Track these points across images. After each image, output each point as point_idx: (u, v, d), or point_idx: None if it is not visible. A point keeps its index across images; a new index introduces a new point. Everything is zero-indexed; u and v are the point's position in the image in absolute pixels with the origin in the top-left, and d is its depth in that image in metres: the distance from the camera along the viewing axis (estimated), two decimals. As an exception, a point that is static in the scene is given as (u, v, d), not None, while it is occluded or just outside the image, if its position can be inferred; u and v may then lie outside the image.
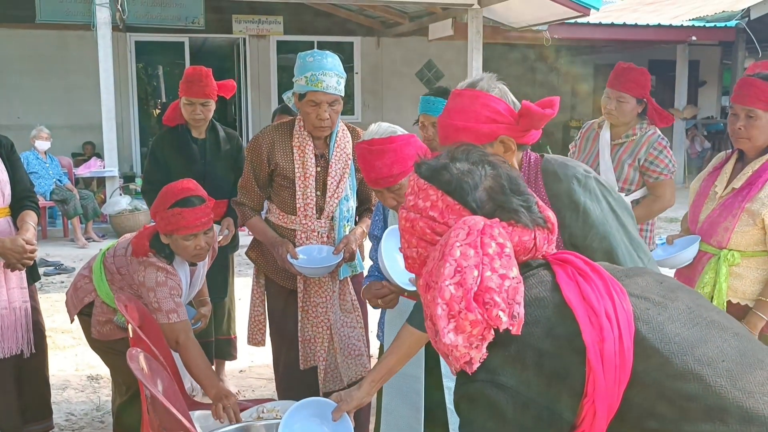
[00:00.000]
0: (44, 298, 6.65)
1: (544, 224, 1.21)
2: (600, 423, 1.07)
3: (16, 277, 3.16)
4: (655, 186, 3.47)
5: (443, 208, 1.19)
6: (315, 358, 3.04)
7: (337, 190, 3.02)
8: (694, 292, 1.28)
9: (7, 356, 3.16)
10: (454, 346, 1.07)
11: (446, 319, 1.07)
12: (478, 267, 1.08)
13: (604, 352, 1.06)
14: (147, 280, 2.71)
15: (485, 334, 1.07)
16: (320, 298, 3.02)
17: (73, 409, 4.07)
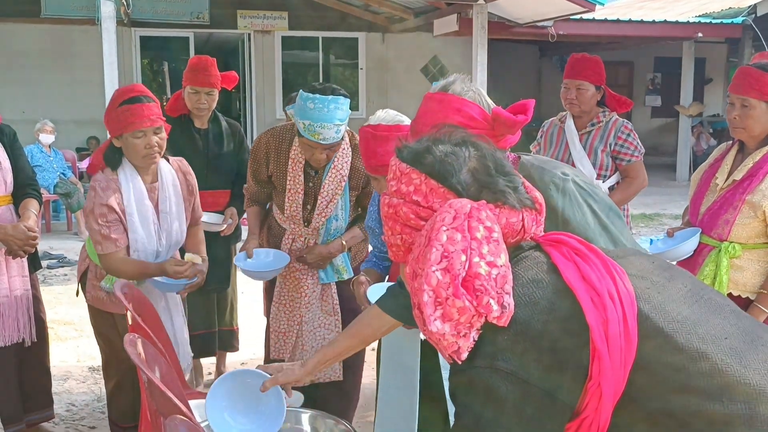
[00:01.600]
0: (47, 290, 6.67)
1: (531, 205, 1.18)
2: (606, 406, 1.03)
3: (17, 266, 3.17)
4: (627, 169, 3.60)
5: (427, 192, 1.15)
6: (283, 351, 3.07)
7: (326, 209, 3.03)
8: (686, 272, 1.25)
9: (7, 344, 3.17)
10: (441, 335, 1.04)
11: (433, 306, 1.04)
12: (466, 252, 1.04)
13: (609, 333, 1.03)
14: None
15: (473, 322, 1.04)
16: (296, 293, 3.06)
17: (74, 399, 4.08)
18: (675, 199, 10.42)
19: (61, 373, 4.33)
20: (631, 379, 1.05)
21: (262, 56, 12.62)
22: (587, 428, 1.06)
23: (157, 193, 2.92)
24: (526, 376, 1.02)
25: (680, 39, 12.76)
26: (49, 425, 3.55)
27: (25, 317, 3.21)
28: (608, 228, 1.76)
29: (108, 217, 2.77)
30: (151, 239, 2.87)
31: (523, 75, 16.29)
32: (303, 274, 3.05)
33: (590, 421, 1.05)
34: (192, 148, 3.90)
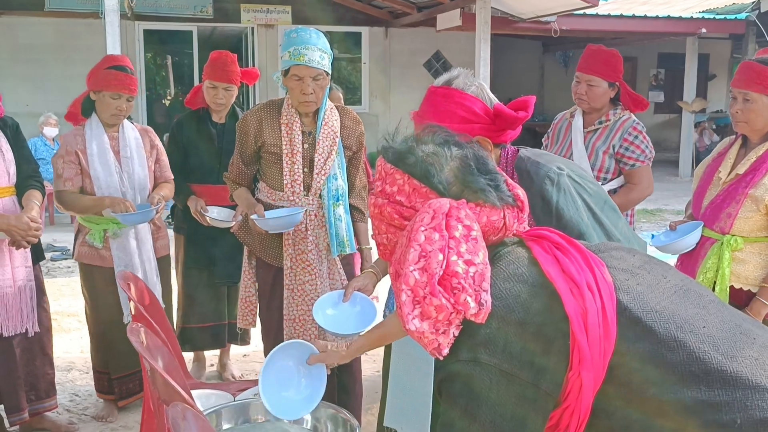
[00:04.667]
0: (50, 283, 6.68)
1: (513, 203, 1.19)
2: (586, 395, 1.05)
3: (20, 256, 3.19)
4: (631, 174, 3.31)
5: (410, 192, 1.17)
6: (300, 337, 3.05)
7: (324, 167, 3.02)
8: (665, 263, 1.27)
9: (11, 334, 3.19)
10: (421, 333, 1.06)
11: (411, 305, 1.06)
12: (444, 251, 1.06)
13: (588, 323, 1.05)
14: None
15: (452, 319, 1.05)
16: (307, 275, 3.03)
17: (78, 390, 4.10)
18: (677, 194, 10.43)
19: (65, 364, 4.35)
20: (610, 368, 1.06)
21: (266, 50, 12.63)
22: (569, 417, 1.07)
23: (117, 141, 3.49)
24: (508, 368, 1.04)
25: (684, 35, 12.75)
26: (53, 415, 3.57)
27: (29, 307, 3.23)
28: (602, 221, 1.78)
29: (65, 158, 3.40)
30: (111, 178, 3.42)
31: (526, 70, 16.29)
32: (313, 255, 3.04)
33: (572, 410, 1.07)
34: (207, 141, 3.94)
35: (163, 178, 3.70)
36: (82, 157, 3.41)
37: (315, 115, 3.03)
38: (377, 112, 13.17)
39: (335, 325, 2.60)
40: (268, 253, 3.11)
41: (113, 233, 3.44)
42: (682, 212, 10.89)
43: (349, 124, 3.15)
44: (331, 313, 2.65)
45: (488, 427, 1.02)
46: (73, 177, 3.41)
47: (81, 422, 3.67)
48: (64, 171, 3.40)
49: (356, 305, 2.68)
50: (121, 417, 3.71)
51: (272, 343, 3.16)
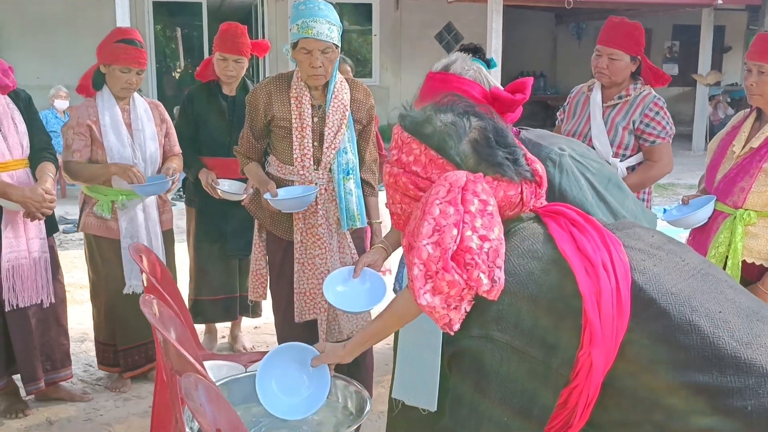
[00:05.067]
0: (63, 255, 6.70)
1: (531, 177, 1.17)
2: (596, 375, 1.04)
3: (35, 228, 3.22)
4: (651, 151, 3.21)
5: (426, 163, 1.15)
6: (311, 311, 3.06)
7: (334, 140, 3.01)
8: (685, 245, 1.25)
9: (27, 305, 3.23)
10: (432, 307, 1.05)
11: (423, 280, 1.05)
12: (458, 226, 1.04)
13: (602, 303, 1.04)
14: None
15: (464, 295, 1.04)
16: (318, 250, 3.03)
17: (91, 360, 4.14)
18: (690, 168, 10.34)
19: (78, 335, 4.39)
20: (621, 350, 1.05)
21: (276, 22, 12.54)
22: (578, 396, 1.07)
23: (129, 113, 3.51)
24: (520, 345, 1.03)
25: (699, 6, 12.55)
26: (68, 384, 3.62)
27: (44, 278, 3.27)
28: (607, 200, 1.77)
29: (75, 130, 3.42)
30: (124, 149, 3.45)
31: (539, 42, 16.11)
32: (323, 229, 3.04)
33: (580, 390, 1.06)
34: (217, 114, 3.93)
35: (172, 152, 3.72)
36: (94, 128, 3.43)
37: (325, 89, 3.02)
38: (388, 84, 13.09)
39: (345, 303, 2.60)
40: (279, 227, 3.12)
41: (121, 204, 3.47)
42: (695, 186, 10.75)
43: (359, 97, 3.13)
44: (341, 290, 2.65)
45: (498, 403, 1.02)
46: (81, 149, 3.43)
47: (95, 392, 3.72)
48: (73, 142, 3.43)
49: (366, 282, 2.68)
50: (134, 387, 3.76)
51: (282, 315, 3.18)
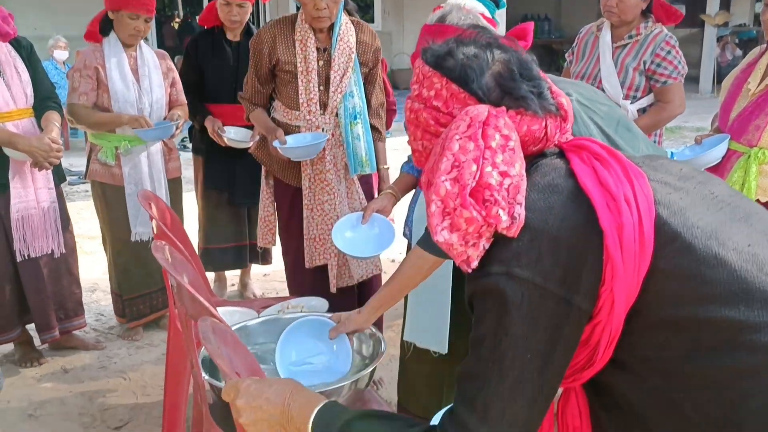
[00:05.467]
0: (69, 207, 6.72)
1: (556, 111, 1.14)
2: (618, 312, 1.03)
3: (42, 178, 3.20)
4: (662, 91, 3.14)
5: (447, 97, 1.11)
6: (321, 256, 3.06)
7: (340, 84, 2.97)
8: (716, 178, 1.22)
9: (38, 255, 3.23)
10: (449, 245, 1.03)
11: (440, 217, 1.03)
12: (478, 161, 1.02)
13: (623, 238, 1.01)
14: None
15: (482, 232, 1.02)
16: (326, 195, 3.01)
17: (103, 309, 4.18)
18: (697, 111, 10.22)
19: (89, 285, 4.42)
20: (645, 285, 1.03)
21: (276, -33, 12.31)
22: (600, 333, 1.05)
23: (135, 60, 3.49)
24: (541, 282, 1.01)
25: (709, -56, 12.27)
26: (81, 333, 3.66)
27: (53, 228, 3.27)
28: (617, 143, 1.74)
29: (82, 72, 3.40)
30: (129, 93, 3.42)
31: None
32: (331, 175, 3.02)
33: (602, 326, 1.04)
34: (222, 60, 3.87)
35: (179, 101, 3.68)
36: (101, 71, 3.40)
37: (330, 31, 2.96)
38: (390, 30, 12.89)
39: (354, 248, 2.60)
40: (286, 174, 3.10)
41: (125, 150, 3.45)
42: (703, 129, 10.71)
43: (366, 39, 3.07)
44: (349, 235, 2.64)
45: (520, 341, 1.01)
46: (88, 92, 3.40)
47: (107, 341, 3.76)
48: (80, 85, 3.40)
49: (375, 227, 2.67)
50: (146, 335, 3.80)
51: (292, 262, 3.19)
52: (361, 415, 1.11)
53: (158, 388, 3.25)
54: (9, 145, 3.02)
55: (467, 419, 1.00)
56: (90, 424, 2.96)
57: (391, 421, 1.10)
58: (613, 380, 1.09)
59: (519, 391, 1.00)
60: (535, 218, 1.04)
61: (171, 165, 3.68)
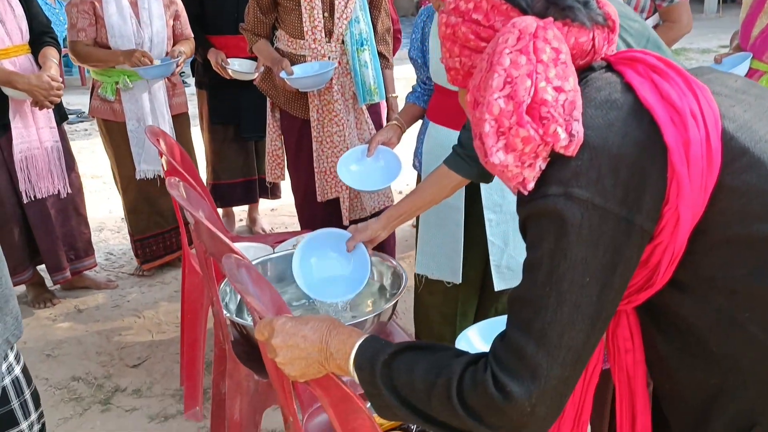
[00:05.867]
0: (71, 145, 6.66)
1: (603, 22, 1.07)
2: (682, 232, 0.98)
3: (44, 117, 3.13)
4: (669, 11, 3.02)
5: (488, 10, 1.04)
6: (333, 189, 3.01)
7: (345, 10, 2.86)
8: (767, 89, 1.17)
9: (44, 196, 3.19)
10: (504, 166, 0.98)
11: (495, 137, 0.97)
12: (531, 76, 0.96)
13: (690, 154, 0.96)
14: None
15: (539, 151, 0.97)
16: (335, 127, 2.94)
17: (112, 248, 4.16)
18: (702, 32, 10.02)
19: (96, 225, 4.39)
20: (711, 203, 0.99)
21: None
22: (661, 254, 1.01)
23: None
24: (601, 202, 0.96)
25: None
26: (92, 273, 3.64)
27: (58, 169, 3.21)
28: None
29: (79, 7, 3.29)
30: (126, 26, 3.29)
31: None
32: (340, 105, 2.95)
33: (664, 246, 1.00)
34: None
35: (183, 35, 3.55)
36: (97, 5, 3.27)
37: None
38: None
39: (360, 181, 2.55)
40: (293, 106, 3.02)
41: (124, 85, 3.36)
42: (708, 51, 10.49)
43: None
44: (355, 169, 2.58)
45: (579, 264, 0.96)
46: (86, 27, 3.29)
47: (119, 279, 3.75)
48: (78, 21, 3.28)
49: (380, 160, 2.61)
50: (157, 274, 3.79)
51: (302, 196, 3.14)
52: (404, 347, 1.08)
53: (173, 325, 3.25)
54: (7, 84, 2.94)
55: (524, 345, 0.97)
56: (108, 362, 2.97)
57: (437, 351, 1.07)
58: (671, 301, 1.06)
59: (578, 315, 0.97)
60: (594, 135, 0.98)
61: (176, 100, 3.59)
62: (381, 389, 1.07)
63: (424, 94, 2.56)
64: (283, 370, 1.17)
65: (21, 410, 1.50)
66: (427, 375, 1.03)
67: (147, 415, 2.63)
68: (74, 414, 2.64)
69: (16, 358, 1.52)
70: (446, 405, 1.00)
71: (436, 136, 2.41)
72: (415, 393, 1.04)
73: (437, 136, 2.40)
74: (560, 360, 0.96)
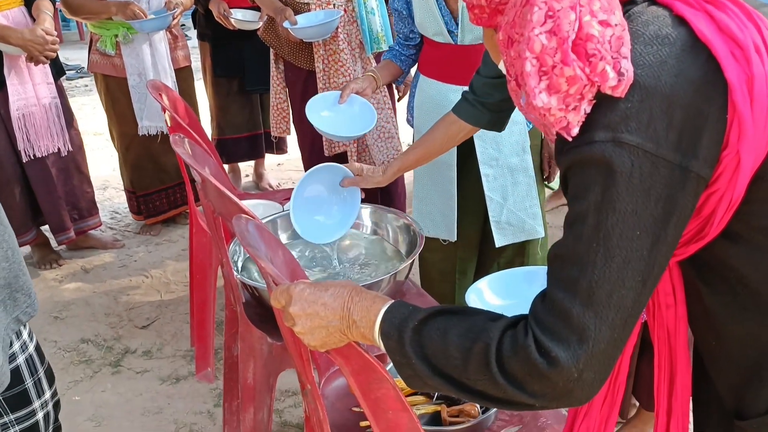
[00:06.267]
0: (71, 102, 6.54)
1: None
2: (742, 178, 0.89)
3: (40, 72, 3.02)
4: None
5: None
6: (340, 144, 2.91)
7: None
8: None
9: (44, 154, 3.10)
10: (547, 109, 0.88)
11: (537, 77, 0.87)
12: (575, 9, 0.86)
13: (754, 91, 0.86)
14: None
15: (585, 92, 0.87)
16: (342, 77, 2.82)
17: (117, 207, 4.09)
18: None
19: (99, 183, 4.31)
20: None
21: None
22: (716, 202, 0.92)
23: None
24: (653, 148, 0.86)
25: None
26: (97, 232, 3.57)
27: (57, 126, 3.11)
28: None
29: None
30: None
31: None
32: (346, 55, 2.83)
33: (720, 194, 0.92)
34: None
35: None
36: None
37: None
38: None
39: (332, 127, 2.38)
40: (298, 56, 2.90)
41: (124, 38, 3.23)
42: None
43: None
44: (327, 114, 2.41)
45: (629, 217, 0.87)
46: None
47: (125, 238, 3.68)
48: None
49: (354, 106, 2.43)
50: (164, 232, 3.72)
51: (309, 150, 3.05)
52: (434, 311, 1.00)
53: (182, 284, 3.19)
54: (1, 40, 2.82)
55: (569, 306, 0.88)
56: (117, 323, 2.92)
57: (471, 315, 0.99)
58: (722, 253, 0.98)
59: (627, 272, 0.88)
60: (644, 74, 0.88)
61: (178, 53, 3.46)
62: (411, 358, 0.99)
63: (402, 53, 2.43)
64: (302, 339, 1.10)
65: (35, 389, 1.44)
66: (462, 341, 0.95)
67: (158, 377, 2.59)
68: (84, 377, 2.60)
69: (29, 335, 1.45)
70: (484, 372, 0.92)
71: (427, 89, 2.30)
72: (449, 361, 0.95)
73: (428, 89, 2.29)
74: (609, 321, 0.88)
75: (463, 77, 2.14)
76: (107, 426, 2.36)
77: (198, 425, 2.35)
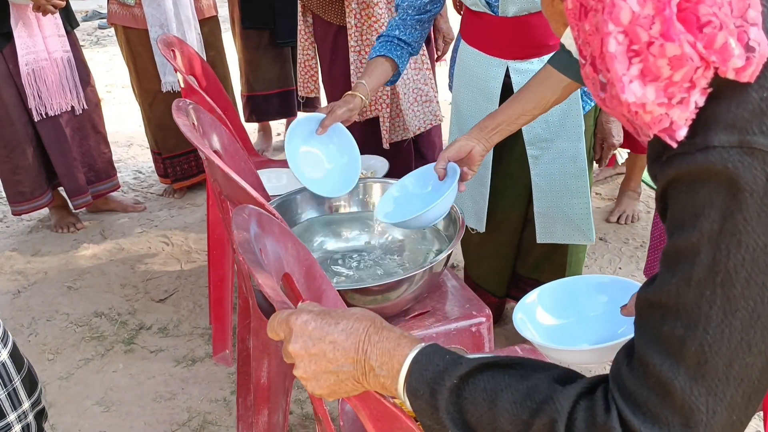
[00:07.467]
0: (102, 52, 6.37)
1: None
2: None
3: (50, 24, 2.79)
4: None
5: None
6: (372, 108, 2.64)
7: None
8: None
9: (57, 113, 2.89)
10: (641, 105, 0.63)
11: (625, 60, 0.62)
12: None
13: None
14: None
15: (696, 78, 0.62)
16: (376, 34, 2.53)
17: (140, 166, 3.89)
18: None
19: (124, 140, 4.12)
20: None
21: None
22: None
23: None
24: None
25: None
26: (118, 194, 3.39)
27: (71, 82, 2.90)
28: None
29: None
30: None
31: None
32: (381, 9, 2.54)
33: None
34: None
35: None
36: None
37: None
38: None
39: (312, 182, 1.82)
40: (327, 9, 2.62)
41: None
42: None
43: None
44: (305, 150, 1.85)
45: (759, 253, 0.62)
46: None
47: (147, 201, 3.49)
48: None
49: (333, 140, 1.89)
50: (188, 195, 3.52)
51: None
52: (480, 365, 0.75)
53: (203, 253, 3.00)
54: (5, -14, 2.60)
55: (671, 377, 0.64)
56: (132, 296, 2.74)
57: (529, 372, 0.74)
58: None
59: (756, 332, 0.64)
60: None
61: (203, 2, 3.20)
62: (446, 425, 0.75)
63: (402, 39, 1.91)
64: (305, 386, 0.86)
65: (8, 400, 1.25)
66: (517, 410, 0.71)
67: (173, 357, 2.40)
68: (96, 355, 2.43)
69: (2, 341, 1.25)
70: None
71: (467, 59, 1.99)
72: None
73: (468, 59, 1.99)
74: (727, 400, 0.65)
75: (507, 51, 1.85)
76: (116, 412, 2.19)
77: (213, 415, 2.16)
